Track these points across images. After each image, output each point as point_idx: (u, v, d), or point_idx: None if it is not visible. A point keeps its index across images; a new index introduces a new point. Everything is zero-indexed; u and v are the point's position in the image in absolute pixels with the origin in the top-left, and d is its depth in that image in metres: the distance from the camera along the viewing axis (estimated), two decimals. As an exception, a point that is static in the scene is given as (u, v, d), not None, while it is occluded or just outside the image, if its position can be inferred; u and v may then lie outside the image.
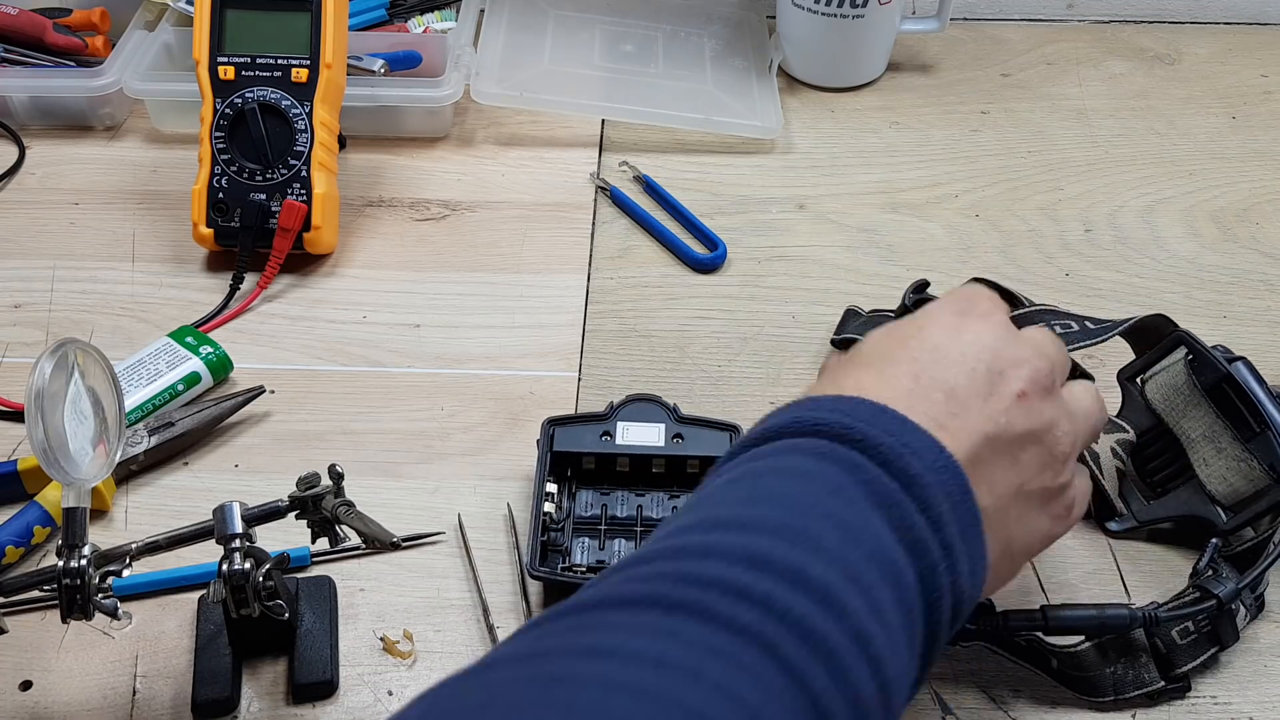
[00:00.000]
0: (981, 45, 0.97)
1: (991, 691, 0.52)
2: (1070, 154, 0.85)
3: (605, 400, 0.61)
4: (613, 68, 0.88)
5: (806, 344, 0.69)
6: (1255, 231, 0.78)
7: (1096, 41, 0.98)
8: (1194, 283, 0.74)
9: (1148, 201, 0.81)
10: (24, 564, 0.56)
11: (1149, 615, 0.50)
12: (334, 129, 0.74)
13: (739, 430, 0.59)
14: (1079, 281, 0.74)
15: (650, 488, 0.59)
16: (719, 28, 0.94)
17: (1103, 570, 0.57)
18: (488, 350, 0.68)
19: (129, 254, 0.75)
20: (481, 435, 0.63)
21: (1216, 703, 0.52)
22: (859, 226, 0.78)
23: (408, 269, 0.74)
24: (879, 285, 0.73)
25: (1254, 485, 0.56)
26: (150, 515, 0.59)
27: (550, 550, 0.56)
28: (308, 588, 0.54)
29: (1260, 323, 0.71)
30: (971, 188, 0.82)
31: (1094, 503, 0.59)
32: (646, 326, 0.70)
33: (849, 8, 0.86)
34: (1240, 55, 0.96)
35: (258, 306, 0.71)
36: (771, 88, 0.88)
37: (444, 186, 0.81)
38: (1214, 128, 0.88)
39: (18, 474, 0.58)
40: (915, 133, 0.87)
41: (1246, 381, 0.56)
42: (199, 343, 0.65)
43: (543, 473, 0.57)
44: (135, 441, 0.60)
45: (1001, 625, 0.50)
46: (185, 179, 0.75)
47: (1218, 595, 0.51)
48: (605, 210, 0.79)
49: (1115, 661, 0.51)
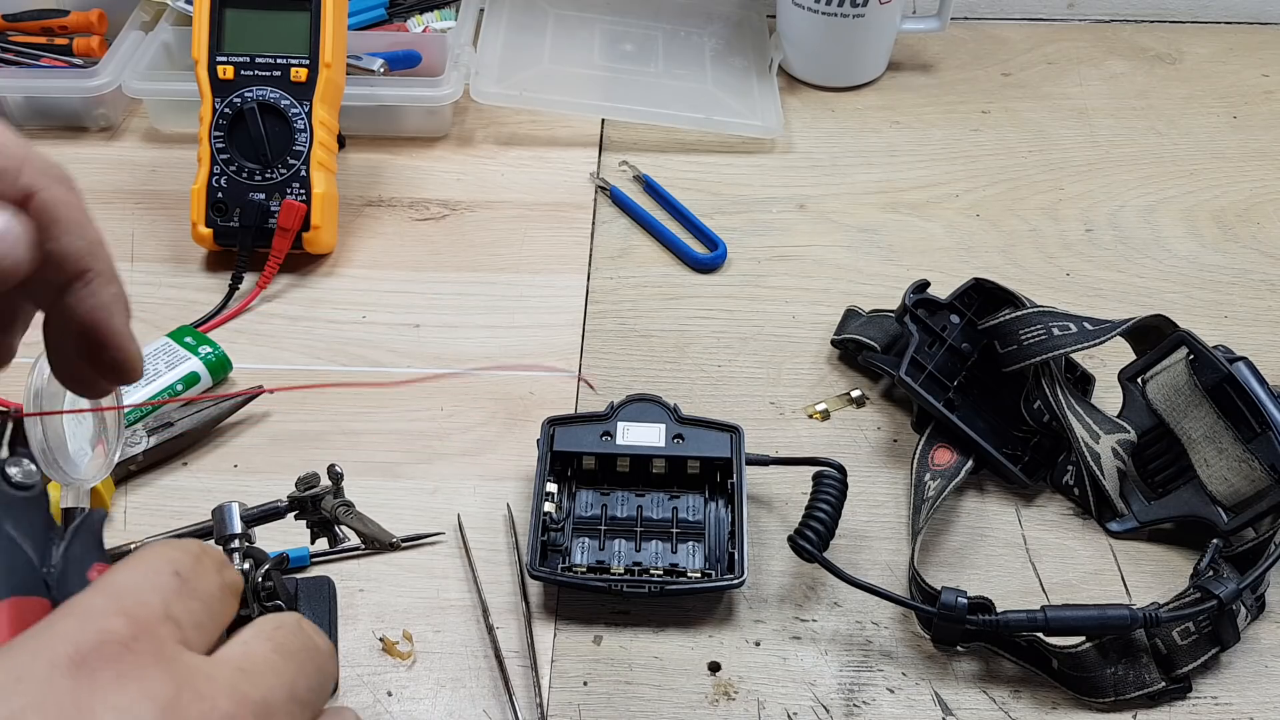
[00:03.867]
0: (982, 45, 0.97)
1: (992, 692, 0.52)
2: (1071, 154, 0.85)
3: (605, 400, 0.61)
4: (613, 67, 0.88)
5: (807, 344, 0.69)
6: (1256, 231, 0.78)
7: (1097, 41, 0.98)
8: (1195, 283, 0.74)
9: (1149, 201, 0.81)
10: (23, 564, 0.56)
11: (1150, 616, 0.50)
12: (333, 129, 0.74)
13: (739, 431, 0.58)
14: (1080, 281, 0.74)
15: (650, 488, 0.59)
16: (719, 27, 0.94)
17: (1103, 571, 0.57)
18: (488, 350, 0.68)
19: (128, 254, 0.74)
20: (481, 435, 0.63)
21: (1217, 703, 0.52)
22: (859, 226, 0.78)
23: (407, 269, 0.74)
24: (879, 285, 0.73)
25: (1255, 486, 0.56)
26: (149, 515, 0.59)
27: (550, 550, 0.56)
28: (307, 588, 0.54)
29: (1261, 323, 0.71)
30: (972, 187, 0.82)
31: (1095, 503, 0.59)
32: (646, 326, 0.70)
33: (849, 7, 0.86)
34: (1241, 55, 0.96)
35: (257, 306, 0.71)
36: (772, 87, 0.88)
37: (443, 186, 0.81)
38: (1215, 127, 0.88)
39: (16, 474, 0.58)
40: (916, 132, 0.87)
41: (1248, 382, 0.56)
42: (198, 343, 0.65)
43: (543, 473, 0.57)
44: (134, 442, 0.60)
45: (1002, 625, 0.50)
46: (184, 179, 0.75)
47: (1219, 596, 0.50)
48: (605, 210, 0.79)
49: (1116, 662, 0.51)
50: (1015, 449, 0.61)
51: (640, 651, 0.54)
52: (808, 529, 0.54)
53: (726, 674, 0.53)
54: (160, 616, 0.26)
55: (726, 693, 0.52)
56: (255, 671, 0.27)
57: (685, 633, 0.54)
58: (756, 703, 0.52)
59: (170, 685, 0.25)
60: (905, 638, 0.54)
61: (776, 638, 0.54)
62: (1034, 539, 0.59)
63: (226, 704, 0.25)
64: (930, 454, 0.60)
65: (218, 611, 0.29)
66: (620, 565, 0.55)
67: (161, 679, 0.25)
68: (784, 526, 0.58)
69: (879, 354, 0.65)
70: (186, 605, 0.27)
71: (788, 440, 0.63)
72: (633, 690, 0.52)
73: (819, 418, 0.65)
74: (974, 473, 0.60)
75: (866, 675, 0.53)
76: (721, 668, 0.53)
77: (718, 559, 0.56)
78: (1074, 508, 0.60)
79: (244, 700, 0.26)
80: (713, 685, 0.52)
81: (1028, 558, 0.58)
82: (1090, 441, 0.59)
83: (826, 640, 0.54)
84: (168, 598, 0.27)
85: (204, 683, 0.25)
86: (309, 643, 0.29)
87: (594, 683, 0.52)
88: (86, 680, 0.24)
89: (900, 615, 0.55)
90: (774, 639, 0.54)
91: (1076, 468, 0.59)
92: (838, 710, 0.51)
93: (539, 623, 0.54)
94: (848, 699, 0.52)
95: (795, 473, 0.60)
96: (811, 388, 0.67)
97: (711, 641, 0.54)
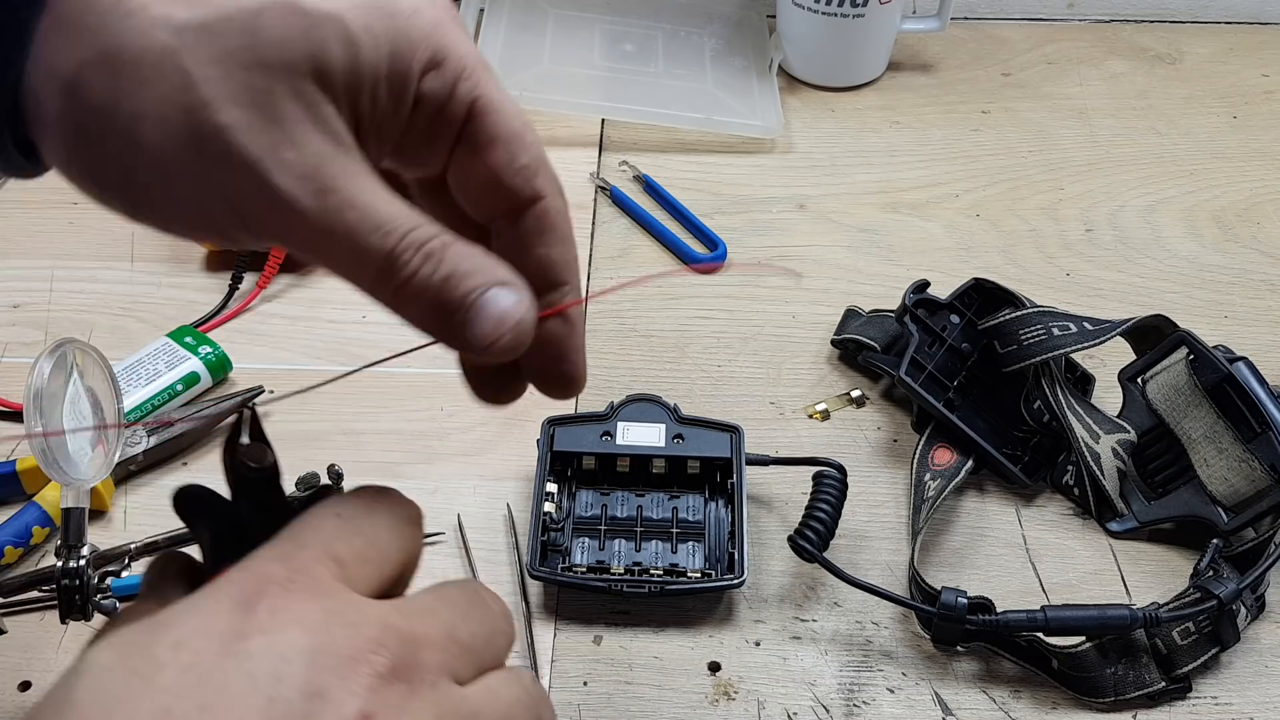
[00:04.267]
0: (982, 45, 0.97)
1: (992, 692, 0.52)
2: (1071, 154, 0.85)
3: (605, 400, 0.61)
4: (613, 67, 0.88)
5: (807, 344, 0.69)
6: (1256, 231, 0.78)
7: (1097, 41, 0.98)
8: (1195, 283, 0.74)
9: (1149, 201, 0.81)
10: (23, 564, 0.56)
11: (1150, 616, 0.50)
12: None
13: (739, 431, 0.58)
14: (1080, 281, 0.74)
15: (650, 488, 0.59)
16: (719, 27, 0.94)
17: (1103, 570, 0.57)
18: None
19: (128, 254, 0.74)
20: (481, 435, 0.63)
21: (1217, 703, 0.52)
22: (859, 226, 0.78)
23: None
24: (879, 285, 0.73)
25: (1255, 486, 0.56)
26: (149, 515, 0.59)
27: (550, 550, 0.56)
28: None
29: (1261, 323, 0.71)
30: (972, 187, 0.82)
31: (1095, 503, 0.59)
32: (646, 326, 0.70)
33: (849, 7, 0.86)
34: (1241, 55, 0.96)
35: (257, 306, 0.71)
36: (772, 87, 0.88)
37: (444, 186, 0.80)
38: (1215, 127, 0.88)
39: (16, 474, 0.58)
40: (916, 132, 0.87)
41: (1248, 382, 0.56)
42: (198, 343, 0.65)
43: (543, 473, 0.57)
44: (134, 442, 0.60)
45: (1002, 625, 0.50)
46: (184, 179, 0.75)
47: (1218, 596, 0.50)
48: (605, 210, 0.79)
49: (1116, 662, 0.51)
50: (1015, 449, 0.61)
51: (640, 651, 0.54)
52: (808, 529, 0.54)
53: (726, 674, 0.53)
54: (319, 557, 0.28)
55: (726, 693, 0.52)
56: (411, 610, 0.28)
57: (685, 633, 0.54)
58: (756, 703, 0.52)
59: (321, 614, 0.27)
60: (905, 638, 0.54)
61: (776, 638, 0.54)
62: (1034, 539, 0.59)
63: (374, 631, 0.27)
64: (930, 454, 0.60)
65: (388, 542, 0.30)
66: (620, 565, 0.55)
67: (313, 610, 0.27)
68: (784, 526, 0.58)
69: (879, 354, 0.65)
70: (348, 543, 0.29)
71: (788, 440, 0.63)
72: (633, 690, 0.52)
73: (819, 418, 0.65)
74: (974, 473, 0.60)
75: (867, 675, 0.53)
76: (721, 668, 0.53)
77: (718, 559, 0.56)
78: (1074, 508, 0.60)
79: (392, 630, 0.27)
80: (713, 685, 0.52)
81: (1028, 558, 0.58)
82: (1090, 441, 0.59)
83: (826, 640, 0.54)
84: (328, 539, 0.29)
85: (355, 614, 0.27)
86: (476, 597, 0.31)
87: (594, 683, 0.52)
88: (245, 614, 0.26)
89: (900, 615, 0.55)
90: (774, 639, 0.54)
91: (1076, 468, 0.59)
92: (838, 710, 0.51)
93: (539, 623, 0.54)
94: (848, 699, 0.52)
95: (795, 473, 0.60)
96: (811, 388, 0.67)
97: (711, 641, 0.54)
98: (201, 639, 0.26)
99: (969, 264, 0.75)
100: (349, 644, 0.26)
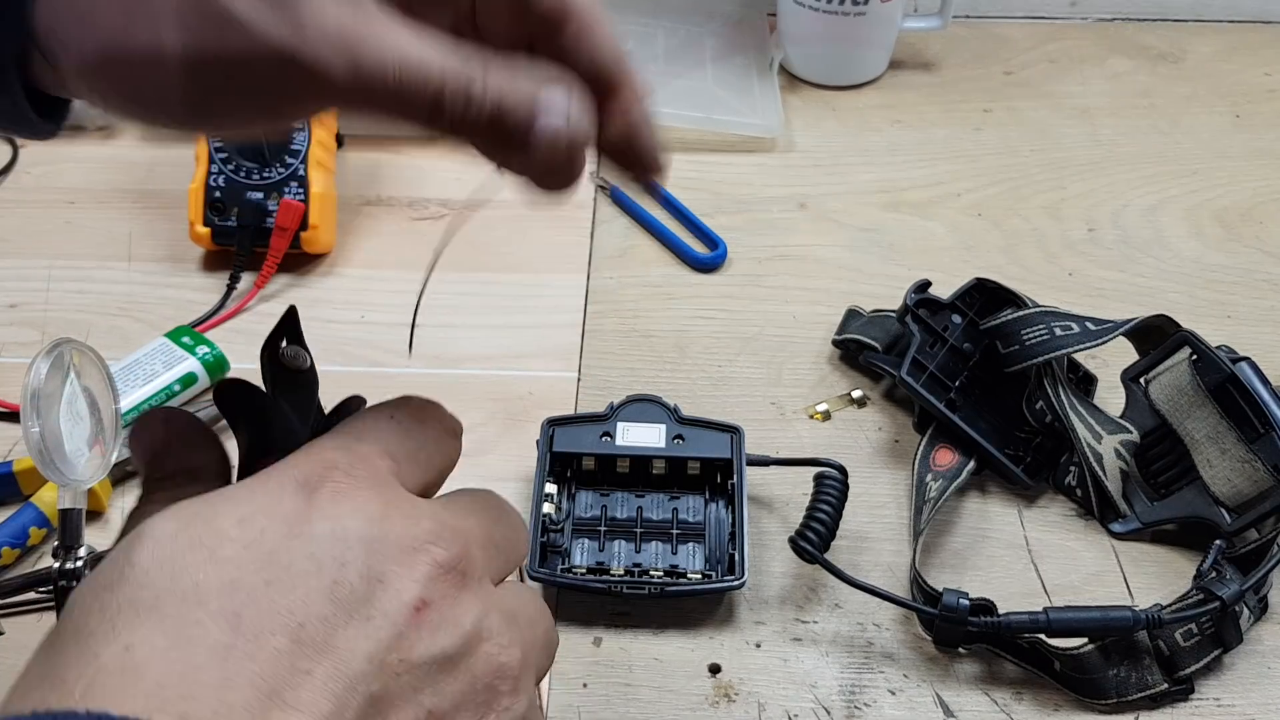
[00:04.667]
0: (984, 43, 0.97)
1: (994, 694, 0.52)
2: (1073, 153, 0.85)
3: (605, 400, 0.61)
4: (613, 66, 0.88)
5: (807, 344, 0.69)
6: (1259, 231, 0.78)
7: (1099, 40, 0.98)
8: (1198, 283, 0.74)
9: (1151, 201, 0.80)
10: (20, 566, 0.56)
11: (1152, 617, 0.50)
12: (332, 128, 0.73)
13: (739, 431, 0.58)
14: (1082, 281, 0.74)
15: (650, 489, 0.58)
16: (719, 25, 0.94)
17: (1106, 572, 0.57)
18: (487, 350, 0.68)
19: (125, 253, 0.74)
20: (481, 435, 0.63)
21: (1220, 705, 0.52)
22: (860, 226, 0.78)
23: (406, 268, 0.74)
24: (881, 285, 0.73)
25: (1258, 487, 0.55)
26: (147, 516, 0.58)
27: (550, 551, 0.56)
28: None
29: (1265, 323, 0.71)
30: (974, 187, 0.82)
31: (1097, 504, 0.59)
32: (646, 326, 0.70)
33: (850, 5, 0.86)
34: (1244, 54, 0.96)
35: (255, 306, 0.71)
36: (772, 86, 0.88)
37: (442, 186, 0.80)
38: (1218, 126, 0.88)
39: (13, 475, 0.58)
40: (917, 131, 0.87)
41: (1251, 382, 0.56)
42: (195, 343, 0.65)
43: (542, 473, 0.57)
44: (132, 442, 0.60)
45: (1004, 627, 0.50)
46: (182, 178, 0.75)
47: (1221, 597, 0.50)
48: (605, 210, 0.79)
49: (1118, 664, 0.51)
50: (1017, 449, 0.61)
51: (640, 653, 0.53)
52: (809, 530, 0.54)
53: (727, 676, 0.53)
54: (378, 453, 0.30)
55: (727, 694, 0.52)
56: (458, 509, 0.31)
57: (685, 634, 0.54)
58: (757, 705, 0.51)
59: (380, 504, 0.28)
60: (907, 639, 0.54)
61: (777, 639, 0.54)
62: (1036, 540, 0.58)
63: (430, 524, 0.29)
64: (932, 455, 0.60)
65: (435, 449, 0.33)
66: (620, 566, 0.55)
67: (373, 498, 0.28)
68: (785, 527, 0.58)
69: (880, 354, 0.64)
70: (403, 444, 0.31)
71: (788, 441, 0.63)
72: (633, 692, 0.52)
73: (820, 418, 0.65)
74: (976, 473, 0.60)
75: (868, 677, 0.52)
76: (722, 669, 0.53)
77: (718, 560, 0.56)
78: (1076, 508, 0.60)
79: (445, 524, 0.29)
80: (713, 687, 0.52)
81: (1030, 559, 0.58)
82: (1093, 442, 0.59)
83: (827, 642, 0.54)
84: (384, 438, 0.31)
85: (411, 507, 0.29)
86: (504, 504, 0.34)
87: (594, 684, 0.52)
88: (308, 496, 0.28)
89: (902, 617, 0.55)
90: (775, 640, 0.54)
91: (1079, 468, 0.59)
92: (839, 712, 0.51)
93: (538, 624, 0.54)
94: (849, 701, 0.52)
95: (796, 473, 0.59)
96: (812, 388, 0.66)
97: (712, 643, 0.54)
98: (265, 517, 0.27)
99: (971, 264, 0.75)
100: (408, 534, 0.28)
